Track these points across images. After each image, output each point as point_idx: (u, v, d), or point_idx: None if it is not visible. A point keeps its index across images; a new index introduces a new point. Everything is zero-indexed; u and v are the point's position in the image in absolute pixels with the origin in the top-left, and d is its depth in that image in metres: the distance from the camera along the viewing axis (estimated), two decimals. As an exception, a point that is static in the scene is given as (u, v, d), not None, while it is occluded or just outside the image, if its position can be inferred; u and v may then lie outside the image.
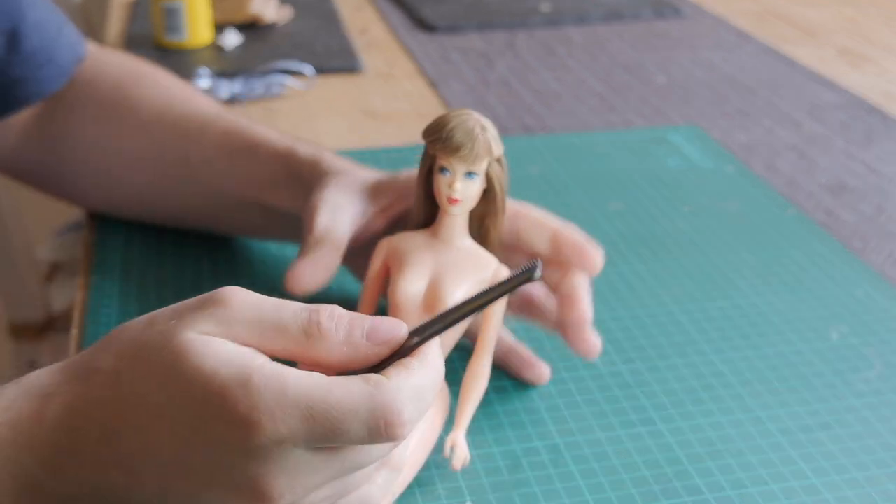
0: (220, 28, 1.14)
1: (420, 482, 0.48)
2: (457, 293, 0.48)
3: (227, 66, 1.04)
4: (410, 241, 0.50)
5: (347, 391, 0.36)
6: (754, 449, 0.52)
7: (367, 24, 1.23)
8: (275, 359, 0.37)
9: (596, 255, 0.54)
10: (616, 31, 1.22)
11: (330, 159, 0.59)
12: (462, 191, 0.47)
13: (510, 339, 0.58)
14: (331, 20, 1.21)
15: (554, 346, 0.59)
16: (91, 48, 0.75)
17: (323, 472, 0.38)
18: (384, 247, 0.50)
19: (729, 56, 1.13)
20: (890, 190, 0.81)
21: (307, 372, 0.37)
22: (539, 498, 0.48)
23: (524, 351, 0.57)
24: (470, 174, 0.47)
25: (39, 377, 0.40)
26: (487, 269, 0.49)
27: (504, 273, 0.49)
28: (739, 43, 1.18)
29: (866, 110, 0.98)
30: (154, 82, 0.72)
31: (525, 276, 0.38)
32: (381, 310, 0.50)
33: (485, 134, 0.46)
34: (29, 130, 0.72)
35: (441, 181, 0.47)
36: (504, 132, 0.91)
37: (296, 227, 0.59)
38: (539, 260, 0.39)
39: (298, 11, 1.24)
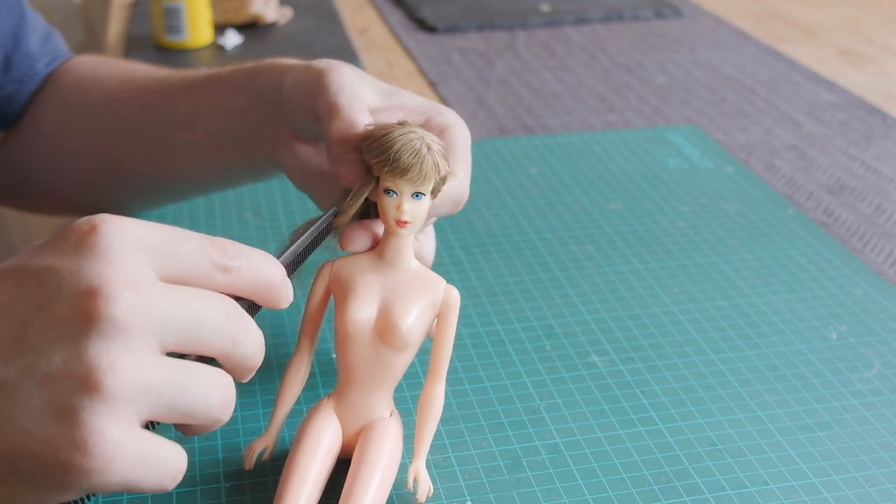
0: (220, 28, 1.14)
1: (420, 482, 0.48)
2: (409, 317, 0.46)
3: (228, 67, 1.04)
4: (355, 264, 0.47)
5: None
6: (753, 449, 0.52)
7: (367, 24, 1.24)
8: None
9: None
10: (616, 31, 1.22)
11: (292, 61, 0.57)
12: (411, 212, 0.45)
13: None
14: (331, 20, 1.21)
15: (553, 345, 0.60)
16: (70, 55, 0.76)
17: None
18: (326, 272, 0.48)
19: (729, 56, 1.14)
20: (889, 190, 0.82)
21: None
22: (539, 498, 0.48)
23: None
24: (417, 194, 0.45)
25: None
26: (437, 289, 0.47)
27: (455, 294, 0.47)
28: (739, 43, 1.18)
29: (866, 110, 0.98)
30: (116, 65, 0.73)
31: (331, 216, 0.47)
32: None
33: (431, 153, 0.44)
34: None
35: (388, 203, 0.45)
36: (504, 132, 0.92)
37: (269, 163, 0.58)
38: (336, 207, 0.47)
39: (298, 11, 1.24)
